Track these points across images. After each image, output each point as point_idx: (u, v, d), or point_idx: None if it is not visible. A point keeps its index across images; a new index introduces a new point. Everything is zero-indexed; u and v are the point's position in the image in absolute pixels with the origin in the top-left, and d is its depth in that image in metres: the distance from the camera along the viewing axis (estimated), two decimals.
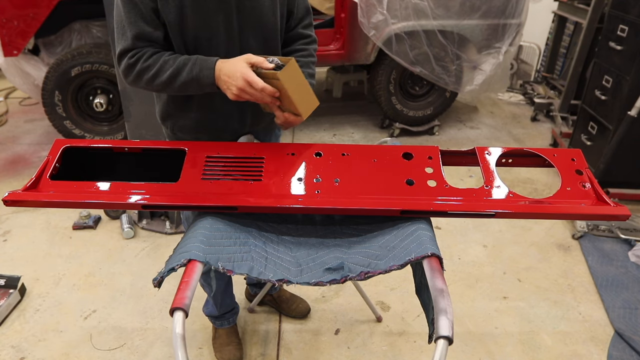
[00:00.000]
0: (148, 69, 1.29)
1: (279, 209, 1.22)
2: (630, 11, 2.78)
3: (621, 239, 2.64)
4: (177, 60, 1.29)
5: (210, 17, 1.31)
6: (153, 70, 1.29)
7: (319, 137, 3.99)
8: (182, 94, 1.37)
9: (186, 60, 1.28)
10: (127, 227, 2.64)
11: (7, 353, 1.92)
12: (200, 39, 1.33)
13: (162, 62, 1.29)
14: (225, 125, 1.47)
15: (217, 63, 1.26)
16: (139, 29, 1.28)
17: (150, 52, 1.30)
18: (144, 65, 1.29)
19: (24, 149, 3.64)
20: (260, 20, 1.38)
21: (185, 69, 1.27)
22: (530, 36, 4.71)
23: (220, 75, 1.24)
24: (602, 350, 1.98)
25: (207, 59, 1.28)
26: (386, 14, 3.29)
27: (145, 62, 1.29)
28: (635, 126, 2.69)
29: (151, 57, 1.29)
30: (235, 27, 1.35)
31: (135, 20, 1.27)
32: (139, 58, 1.29)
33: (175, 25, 1.30)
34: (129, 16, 1.27)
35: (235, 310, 1.97)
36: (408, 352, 1.96)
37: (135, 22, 1.27)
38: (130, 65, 1.30)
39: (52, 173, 1.28)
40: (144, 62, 1.29)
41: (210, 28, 1.32)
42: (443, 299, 0.97)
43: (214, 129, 1.47)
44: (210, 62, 1.27)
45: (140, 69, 1.30)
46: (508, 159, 1.40)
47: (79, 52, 3.23)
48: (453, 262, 2.49)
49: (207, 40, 1.34)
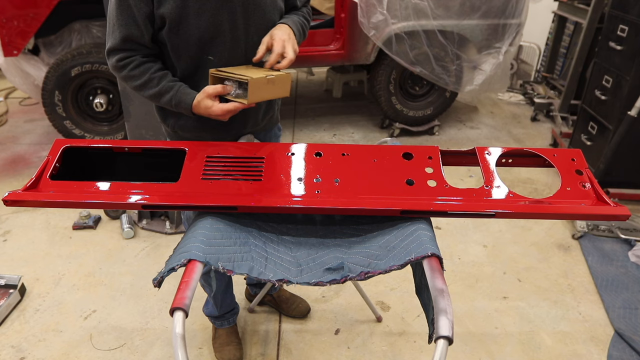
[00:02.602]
0: (134, 78, 1.36)
1: (279, 209, 1.22)
2: (630, 11, 2.78)
3: (621, 239, 2.64)
4: (160, 84, 1.35)
5: (214, 16, 1.32)
6: (138, 82, 1.36)
7: (319, 137, 3.99)
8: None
9: (168, 89, 1.35)
10: (127, 227, 2.64)
11: (7, 353, 1.92)
12: (205, 39, 1.34)
13: (147, 79, 1.35)
14: (226, 124, 1.48)
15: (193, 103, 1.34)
16: (128, 32, 1.31)
17: (137, 62, 1.35)
18: (131, 74, 1.36)
19: (24, 149, 3.64)
20: (264, 18, 1.39)
21: (166, 96, 1.36)
22: (530, 36, 4.71)
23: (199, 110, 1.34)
24: (602, 350, 1.98)
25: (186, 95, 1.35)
26: (386, 14, 3.29)
27: (132, 70, 1.35)
28: (635, 126, 2.69)
29: (138, 67, 1.35)
30: (240, 26, 1.36)
31: (126, 22, 1.30)
32: (127, 64, 1.35)
33: (174, 25, 1.31)
34: (120, 18, 1.30)
35: (235, 310, 1.97)
36: (408, 352, 1.96)
37: (125, 25, 1.30)
38: (118, 68, 1.36)
39: (52, 173, 1.28)
40: (130, 71, 1.35)
41: (215, 27, 1.33)
42: (443, 299, 0.97)
43: (215, 129, 1.47)
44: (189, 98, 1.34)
45: (127, 75, 1.36)
46: (508, 159, 1.40)
47: (79, 52, 3.23)
48: (453, 262, 2.49)
49: (212, 39, 1.34)
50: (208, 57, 1.37)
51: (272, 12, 1.41)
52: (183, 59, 1.38)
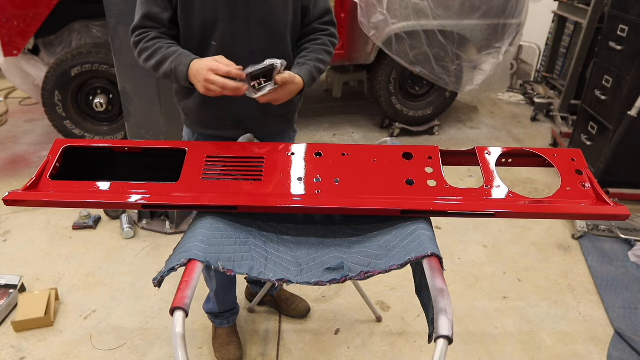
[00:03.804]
0: (145, 50, 1.38)
1: (279, 209, 1.22)
2: (630, 11, 2.78)
3: (621, 239, 2.64)
4: (167, 50, 1.36)
5: (217, 2, 1.35)
6: (148, 52, 1.38)
7: (319, 137, 3.99)
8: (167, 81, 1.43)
9: (172, 52, 1.35)
10: (127, 227, 2.64)
11: (7, 353, 1.92)
12: (207, 23, 1.38)
13: (156, 48, 1.37)
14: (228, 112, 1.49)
15: (192, 61, 1.31)
16: (148, 9, 1.37)
17: (152, 35, 1.39)
18: (144, 46, 1.38)
19: (24, 149, 3.64)
20: (270, 13, 1.40)
21: (168, 60, 1.35)
22: (530, 36, 4.71)
23: (192, 71, 1.30)
24: (602, 350, 1.98)
25: (187, 56, 1.34)
26: (386, 14, 3.29)
27: (145, 43, 1.38)
28: (635, 126, 2.69)
29: (152, 40, 1.38)
30: (241, 16, 1.38)
31: (147, 1, 1.37)
32: (142, 39, 1.39)
33: (184, 7, 1.37)
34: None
35: (236, 310, 1.97)
36: (408, 352, 1.96)
37: (146, 2, 1.38)
38: (135, 43, 1.40)
39: (52, 173, 1.28)
40: (144, 43, 1.38)
41: (215, 12, 1.36)
42: (443, 298, 0.97)
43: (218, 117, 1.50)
44: (187, 59, 1.33)
45: (141, 48, 1.39)
46: (508, 159, 1.40)
47: (79, 52, 3.23)
48: (453, 262, 2.49)
49: (214, 24, 1.38)
50: (212, 43, 1.40)
51: (280, 11, 1.41)
52: (191, 42, 1.42)
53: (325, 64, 1.48)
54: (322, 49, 1.48)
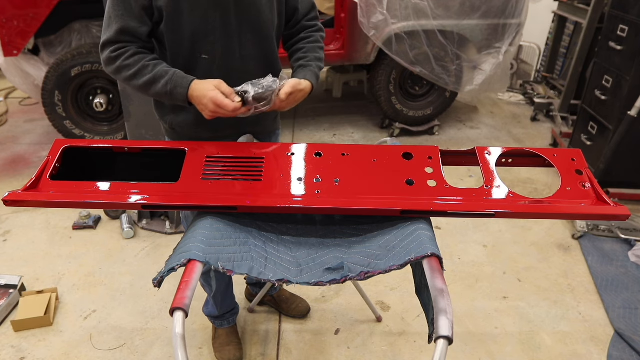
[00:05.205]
0: (127, 67, 1.31)
1: (279, 209, 1.22)
2: (630, 11, 2.78)
3: (621, 239, 2.64)
4: (155, 69, 1.30)
5: (207, 13, 1.31)
6: (132, 71, 1.31)
7: (319, 137, 3.99)
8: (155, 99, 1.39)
9: (164, 73, 1.30)
10: (127, 227, 2.64)
11: (7, 353, 1.92)
12: (197, 36, 1.33)
13: (141, 66, 1.30)
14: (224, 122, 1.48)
15: (191, 84, 1.28)
16: (124, 23, 1.29)
17: (132, 51, 1.31)
18: (125, 63, 1.31)
19: (24, 149, 3.64)
20: (258, 18, 1.38)
21: (161, 81, 1.29)
22: (530, 36, 4.71)
23: (193, 97, 1.28)
24: (602, 350, 1.98)
25: (183, 78, 1.29)
26: (386, 14, 3.29)
27: (126, 60, 1.31)
28: (635, 126, 2.69)
29: (133, 56, 1.31)
30: (233, 24, 1.35)
31: (123, 14, 1.29)
32: (121, 54, 1.31)
33: (171, 21, 1.31)
34: (117, 9, 1.29)
35: (236, 310, 1.97)
36: (408, 352, 1.96)
37: (121, 16, 1.29)
38: (112, 59, 1.32)
39: (52, 173, 1.28)
40: (124, 60, 1.31)
41: (207, 24, 1.33)
42: (443, 299, 0.97)
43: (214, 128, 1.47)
44: (185, 81, 1.28)
45: (120, 65, 1.31)
46: (508, 159, 1.40)
47: (79, 52, 3.23)
48: (453, 262, 2.49)
49: (204, 36, 1.34)
50: (202, 56, 1.36)
51: (268, 15, 1.40)
52: (179, 57, 1.37)
53: (322, 61, 1.50)
54: (317, 47, 1.51)
